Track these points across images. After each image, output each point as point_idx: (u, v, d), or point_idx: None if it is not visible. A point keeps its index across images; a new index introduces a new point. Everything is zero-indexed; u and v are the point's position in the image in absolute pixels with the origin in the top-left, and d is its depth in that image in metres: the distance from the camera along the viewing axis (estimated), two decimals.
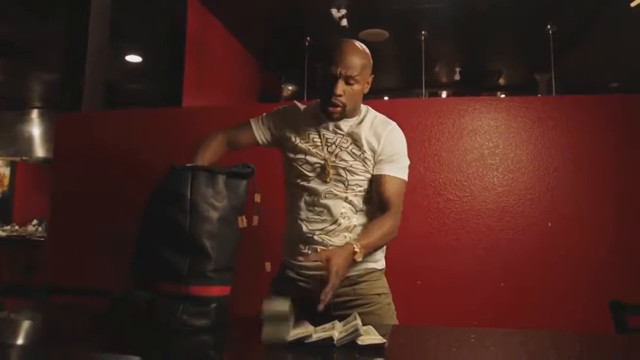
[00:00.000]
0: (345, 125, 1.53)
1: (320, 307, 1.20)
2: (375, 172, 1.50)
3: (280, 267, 1.61)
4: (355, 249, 1.31)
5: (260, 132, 1.62)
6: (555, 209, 2.19)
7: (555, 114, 2.26)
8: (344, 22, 4.46)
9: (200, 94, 4.28)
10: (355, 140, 1.50)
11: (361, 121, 1.53)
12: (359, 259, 1.33)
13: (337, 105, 1.46)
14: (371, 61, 1.52)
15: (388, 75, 6.66)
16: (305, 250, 1.50)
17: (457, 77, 6.27)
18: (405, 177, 1.52)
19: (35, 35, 4.88)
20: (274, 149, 1.66)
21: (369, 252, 1.39)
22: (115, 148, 2.61)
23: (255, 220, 1.30)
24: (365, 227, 1.51)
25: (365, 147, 1.49)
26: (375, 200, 1.51)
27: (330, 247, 1.46)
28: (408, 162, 1.54)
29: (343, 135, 1.51)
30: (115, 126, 2.67)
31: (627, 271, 2.12)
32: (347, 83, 1.44)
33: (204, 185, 1.23)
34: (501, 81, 6.66)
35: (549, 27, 4.79)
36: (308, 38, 5.22)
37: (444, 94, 6.82)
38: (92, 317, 1.35)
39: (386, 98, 6.49)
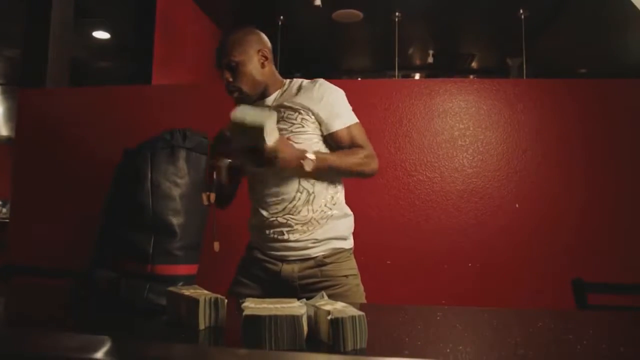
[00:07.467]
0: (270, 100, 1.57)
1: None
2: (327, 132, 1.50)
3: (247, 248, 1.60)
4: (307, 155, 1.35)
5: None
6: (522, 191, 2.24)
7: (525, 97, 2.29)
8: (318, 2, 4.41)
9: (171, 72, 4.19)
10: (286, 106, 1.51)
11: (285, 90, 1.58)
12: (308, 168, 1.35)
13: (232, 91, 1.54)
14: (252, 36, 1.56)
15: (361, 56, 6.64)
16: (271, 235, 1.49)
17: (430, 59, 6.29)
18: (355, 119, 1.53)
19: None
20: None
21: (323, 165, 1.40)
22: (80, 127, 2.53)
23: (212, 197, 1.28)
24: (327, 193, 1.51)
25: (299, 107, 1.49)
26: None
27: (295, 227, 1.46)
28: (350, 107, 1.55)
29: (271, 108, 1.52)
30: (80, 104, 2.59)
31: (592, 252, 2.18)
32: (231, 68, 1.52)
33: (164, 162, 1.21)
34: (474, 64, 6.72)
35: (521, 12, 4.84)
36: (281, 17, 5.14)
37: (417, 76, 6.84)
38: (56, 298, 1.32)
39: (359, 79, 6.48)
